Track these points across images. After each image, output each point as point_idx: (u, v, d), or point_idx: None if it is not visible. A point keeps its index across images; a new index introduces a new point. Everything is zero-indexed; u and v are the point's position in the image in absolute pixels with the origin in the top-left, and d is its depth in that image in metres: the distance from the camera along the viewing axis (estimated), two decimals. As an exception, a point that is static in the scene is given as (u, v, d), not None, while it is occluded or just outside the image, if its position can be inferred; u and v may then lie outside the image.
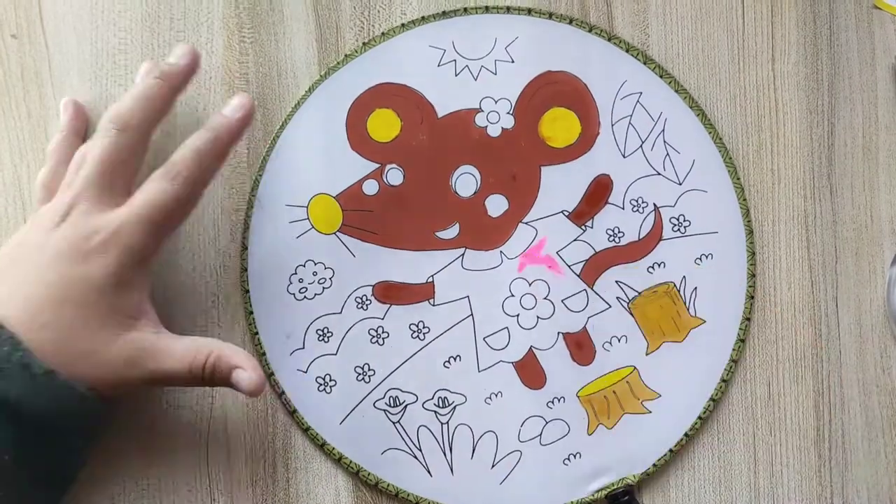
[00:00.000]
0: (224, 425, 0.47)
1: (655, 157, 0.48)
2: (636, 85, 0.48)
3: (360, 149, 0.47)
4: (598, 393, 0.47)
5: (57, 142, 0.45)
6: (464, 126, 0.47)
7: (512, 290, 0.47)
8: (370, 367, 0.46)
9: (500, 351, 0.47)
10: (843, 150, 0.49)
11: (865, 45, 0.49)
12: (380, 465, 0.46)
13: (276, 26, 0.48)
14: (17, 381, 0.37)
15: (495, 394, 0.46)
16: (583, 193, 0.47)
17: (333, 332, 0.47)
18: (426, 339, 0.47)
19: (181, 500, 0.46)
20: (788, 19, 0.49)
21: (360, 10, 0.48)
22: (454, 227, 0.47)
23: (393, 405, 0.46)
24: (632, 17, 0.49)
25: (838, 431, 0.48)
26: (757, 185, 0.49)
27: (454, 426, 0.46)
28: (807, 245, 0.49)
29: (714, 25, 0.49)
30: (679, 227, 0.47)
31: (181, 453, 0.47)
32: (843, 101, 0.49)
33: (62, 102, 0.47)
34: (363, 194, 0.47)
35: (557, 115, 0.48)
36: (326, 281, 0.47)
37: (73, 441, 0.40)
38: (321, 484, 0.47)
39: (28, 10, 0.48)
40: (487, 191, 0.47)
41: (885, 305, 0.48)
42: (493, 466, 0.46)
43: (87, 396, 0.39)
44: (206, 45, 0.48)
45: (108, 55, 0.48)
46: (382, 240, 0.47)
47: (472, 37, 0.48)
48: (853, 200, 0.49)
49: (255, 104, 0.45)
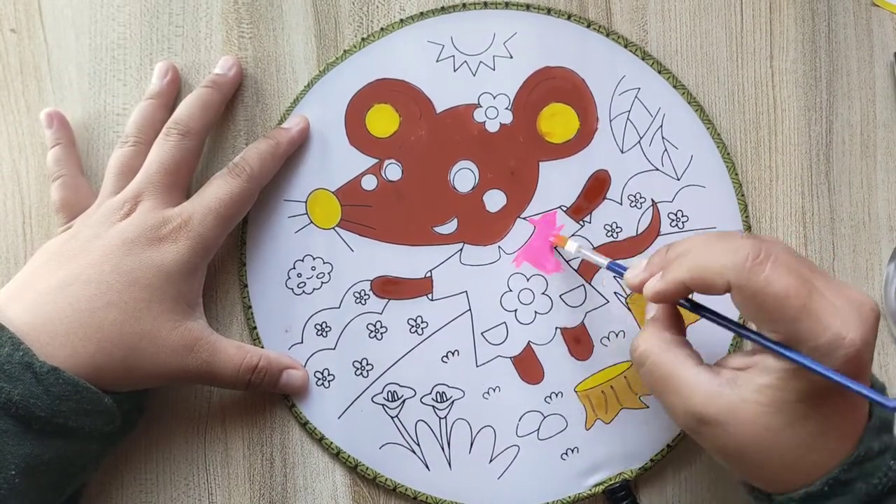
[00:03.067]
0: (222, 420, 0.47)
1: (654, 153, 0.48)
2: (634, 81, 0.48)
3: (358, 144, 0.47)
4: (596, 388, 0.47)
5: (58, 155, 0.46)
6: (462, 121, 0.48)
7: (510, 286, 0.47)
8: (368, 362, 0.46)
9: (498, 346, 0.47)
10: (841, 147, 0.49)
11: (864, 42, 0.49)
12: (378, 460, 0.46)
13: (274, 21, 0.48)
14: (20, 381, 0.38)
15: (493, 388, 0.46)
16: (581, 189, 0.47)
17: (332, 326, 0.47)
18: (424, 333, 0.47)
19: (179, 495, 0.46)
20: (787, 16, 0.49)
21: (358, 5, 0.48)
22: (452, 223, 0.47)
23: (391, 400, 0.46)
24: (630, 13, 0.49)
25: (836, 428, 0.48)
26: (755, 181, 0.49)
27: (452, 421, 0.46)
28: (804, 242, 0.49)
29: (713, 21, 0.49)
30: (677, 222, 0.48)
31: (179, 448, 0.47)
32: (841, 98, 0.49)
33: (43, 115, 0.47)
34: (362, 189, 0.47)
35: (556, 110, 0.48)
36: (325, 276, 0.47)
37: (87, 443, 0.40)
38: (319, 478, 0.47)
39: (27, 5, 0.48)
40: (486, 186, 0.47)
41: (882, 302, 0.48)
42: (490, 461, 0.46)
43: (95, 392, 0.39)
44: (205, 41, 0.48)
45: (106, 50, 0.48)
46: (381, 235, 0.47)
47: (470, 32, 0.48)
48: (851, 197, 0.49)
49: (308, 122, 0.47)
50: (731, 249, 0.35)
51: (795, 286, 0.34)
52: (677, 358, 0.38)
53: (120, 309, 0.40)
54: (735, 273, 0.35)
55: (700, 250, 0.37)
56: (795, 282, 0.34)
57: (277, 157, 0.46)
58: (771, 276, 0.34)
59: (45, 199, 0.48)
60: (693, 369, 0.37)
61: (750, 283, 0.35)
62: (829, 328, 0.34)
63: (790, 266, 0.35)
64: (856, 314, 0.34)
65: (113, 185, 0.44)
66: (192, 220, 0.43)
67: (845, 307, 0.35)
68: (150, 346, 0.41)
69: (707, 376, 0.37)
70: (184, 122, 0.44)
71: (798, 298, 0.34)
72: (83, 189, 0.46)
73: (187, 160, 0.45)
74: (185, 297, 0.43)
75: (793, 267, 0.35)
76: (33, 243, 0.48)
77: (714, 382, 0.36)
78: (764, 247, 0.35)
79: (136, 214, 0.42)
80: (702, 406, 0.36)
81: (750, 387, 0.36)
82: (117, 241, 0.41)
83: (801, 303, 0.34)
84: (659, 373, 0.38)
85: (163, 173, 0.43)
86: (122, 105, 0.48)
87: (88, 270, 0.41)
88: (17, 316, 0.39)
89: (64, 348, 0.39)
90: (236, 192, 0.44)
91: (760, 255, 0.35)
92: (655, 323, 0.39)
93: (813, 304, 0.34)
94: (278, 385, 0.45)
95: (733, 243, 0.36)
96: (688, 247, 0.38)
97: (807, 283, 0.35)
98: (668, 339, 0.38)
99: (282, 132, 0.46)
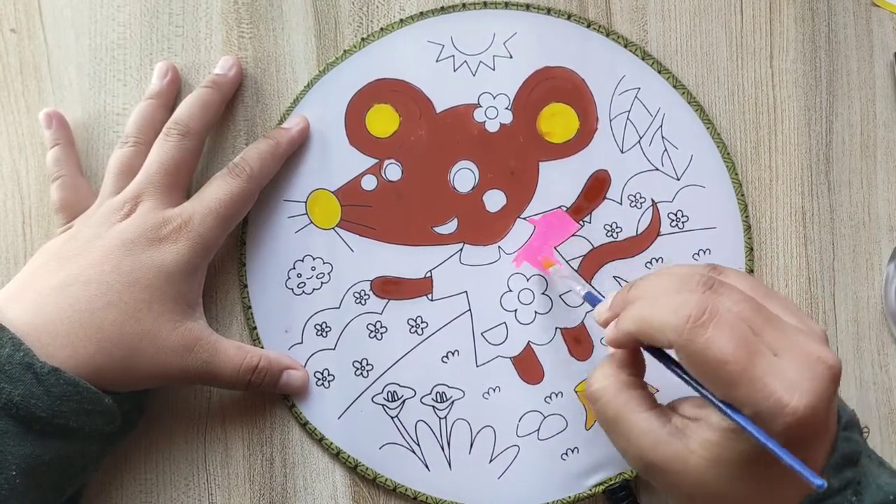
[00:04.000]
0: (222, 420, 0.47)
1: (653, 153, 0.48)
2: (634, 80, 0.48)
3: (358, 144, 0.47)
4: (596, 388, 0.47)
5: (58, 155, 0.46)
6: (462, 121, 0.48)
7: (510, 286, 0.47)
8: (368, 362, 0.46)
9: (498, 346, 0.47)
10: (841, 147, 0.49)
11: (864, 42, 0.49)
12: (378, 460, 0.46)
13: (274, 22, 0.48)
14: (21, 381, 0.38)
15: (493, 388, 0.46)
16: (581, 189, 0.47)
17: (332, 326, 0.47)
18: (424, 333, 0.47)
19: (179, 495, 0.46)
20: (787, 16, 0.49)
21: (358, 5, 0.48)
22: (452, 223, 0.47)
23: (391, 400, 0.46)
24: (630, 13, 0.49)
25: (836, 428, 0.48)
26: (755, 181, 0.49)
27: (452, 421, 0.46)
28: (804, 242, 0.49)
29: (713, 21, 0.49)
30: (677, 222, 0.48)
31: (179, 448, 0.47)
32: (841, 98, 0.49)
33: (42, 115, 0.47)
34: (362, 189, 0.47)
35: (556, 110, 0.48)
36: (325, 276, 0.47)
37: (87, 443, 0.40)
38: (319, 479, 0.47)
39: (27, 5, 0.48)
40: (486, 186, 0.47)
41: (882, 302, 0.48)
42: (490, 461, 0.46)
43: (95, 392, 0.39)
44: (205, 41, 0.48)
45: (106, 50, 0.48)
46: (381, 235, 0.47)
47: (470, 32, 0.48)
48: (851, 197, 0.49)
49: (308, 122, 0.47)
50: (675, 306, 0.34)
51: (735, 351, 0.33)
52: (629, 401, 0.37)
53: (120, 309, 0.40)
54: (675, 334, 0.34)
55: (648, 302, 0.36)
56: (737, 345, 0.33)
57: (277, 158, 0.46)
58: (711, 338, 0.33)
59: (45, 199, 0.48)
60: (643, 414, 0.36)
61: (689, 346, 0.33)
62: (771, 395, 0.32)
63: (734, 327, 0.33)
64: (808, 375, 0.33)
65: (113, 186, 0.44)
66: (193, 221, 0.43)
67: (795, 368, 0.33)
68: (150, 346, 0.41)
69: (656, 423, 0.36)
70: (184, 123, 0.44)
71: (737, 364, 0.33)
72: (83, 189, 0.46)
73: (187, 160, 0.45)
74: (185, 297, 0.43)
75: (737, 327, 0.33)
76: (33, 243, 0.48)
77: (662, 430, 0.36)
78: (711, 304, 0.34)
79: (137, 215, 0.42)
80: (648, 452, 0.36)
81: (696, 439, 0.35)
82: (117, 241, 0.41)
83: (740, 368, 0.33)
84: (610, 414, 0.37)
85: (163, 173, 0.43)
86: (122, 105, 0.48)
87: (88, 271, 0.41)
88: (17, 316, 0.39)
89: (64, 349, 0.39)
90: (236, 193, 0.44)
91: (704, 315, 0.33)
92: (613, 361, 0.38)
93: (754, 370, 0.33)
94: (278, 385, 0.45)
95: (679, 298, 0.35)
96: (641, 292, 0.37)
97: (750, 344, 0.33)
98: (623, 380, 0.37)
99: (282, 132, 0.46)
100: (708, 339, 0.33)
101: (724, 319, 0.34)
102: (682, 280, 0.36)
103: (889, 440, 0.48)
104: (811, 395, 0.33)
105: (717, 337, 0.33)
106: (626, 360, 0.38)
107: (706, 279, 0.36)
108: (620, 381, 0.37)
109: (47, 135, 0.46)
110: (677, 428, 0.36)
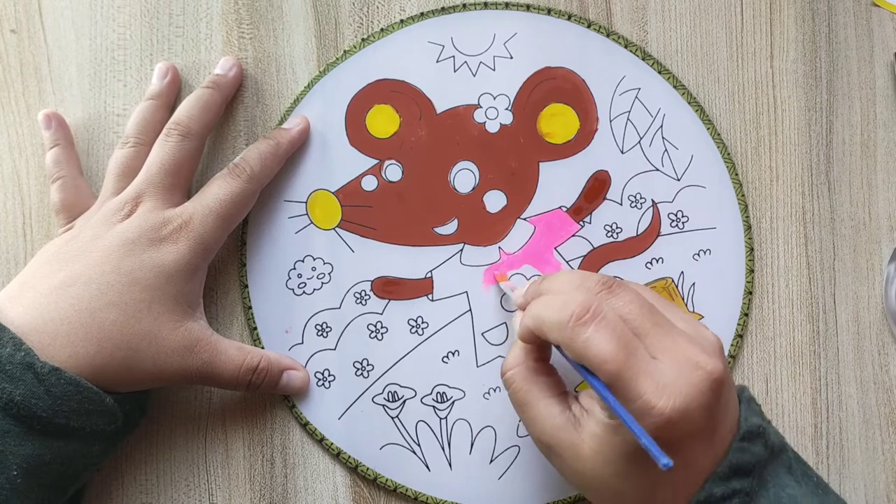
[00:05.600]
0: (222, 421, 0.47)
1: (654, 153, 0.48)
2: (635, 81, 0.48)
3: (358, 145, 0.47)
4: (597, 388, 0.47)
5: (58, 156, 0.46)
6: (462, 122, 0.48)
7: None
8: (369, 363, 0.46)
9: (498, 346, 0.47)
10: (842, 148, 0.49)
11: (864, 42, 0.49)
12: (378, 460, 0.46)
13: (275, 22, 0.48)
14: (22, 381, 0.38)
15: (494, 389, 0.46)
16: (581, 189, 0.47)
17: (332, 327, 0.47)
18: (425, 334, 0.47)
19: (180, 496, 0.46)
20: (787, 16, 0.49)
21: (358, 6, 0.48)
22: (453, 223, 0.47)
23: (392, 400, 0.46)
24: (630, 13, 0.49)
25: (836, 428, 0.48)
26: (755, 181, 0.49)
27: (453, 421, 0.46)
28: (805, 242, 0.49)
29: (713, 22, 0.49)
30: (677, 222, 0.48)
31: (179, 449, 0.47)
32: (841, 99, 0.49)
33: (41, 116, 0.47)
34: (362, 190, 0.47)
35: (556, 110, 0.48)
36: (325, 276, 0.47)
37: (88, 443, 0.40)
38: (319, 479, 0.47)
39: (27, 6, 0.48)
40: (486, 186, 0.47)
41: (882, 302, 0.48)
42: (491, 461, 0.46)
43: (96, 392, 0.39)
44: (206, 41, 0.48)
45: (106, 50, 0.48)
46: (381, 235, 0.47)
47: (470, 33, 0.48)
48: (851, 197, 0.49)
49: (309, 123, 0.47)
50: (562, 305, 0.35)
51: (613, 351, 0.34)
52: (535, 386, 0.39)
53: (120, 309, 0.40)
54: (559, 332, 0.35)
55: (547, 299, 0.38)
56: (615, 346, 0.34)
57: (278, 158, 0.46)
58: (591, 338, 0.34)
59: (45, 199, 0.48)
60: (546, 401, 0.38)
61: (570, 344, 0.35)
62: (640, 396, 0.33)
63: (616, 327, 0.35)
64: (683, 380, 0.34)
65: (113, 186, 0.44)
66: (193, 221, 0.43)
67: (672, 371, 0.34)
68: (150, 346, 0.41)
69: (557, 409, 0.38)
70: (184, 123, 0.44)
71: (613, 364, 0.34)
72: (83, 190, 0.46)
73: (188, 161, 0.45)
74: (185, 297, 0.43)
75: (618, 328, 0.35)
76: (33, 244, 0.48)
77: (561, 417, 0.37)
78: (596, 304, 0.35)
79: (137, 215, 0.42)
80: (548, 437, 0.37)
81: (587, 430, 0.36)
82: (118, 241, 0.41)
83: (615, 368, 0.34)
84: (519, 399, 0.39)
85: (163, 174, 0.43)
86: (123, 106, 0.48)
87: (89, 271, 0.41)
88: (18, 316, 0.39)
89: (65, 349, 0.39)
90: (237, 193, 0.44)
91: (587, 314, 0.35)
92: (522, 349, 0.40)
93: (628, 371, 0.34)
94: (279, 386, 0.45)
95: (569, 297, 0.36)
96: (545, 287, 0.39)
97: (629, 346, 0.34)
98: (530, 366, 0.39)
99: (282, 133, 0.46)
100: (588, 337, 0.34)
101: (607, 319, 0.35)
102: (583, 278, 0.38)
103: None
104: (682, 398, 0.33)
105: (596, 336, 0.34)
106: (533, 345, 0.40)
107: (606, 280, 0.37)
108: (528, 367, 0.39)
109: (46, 136, 0.46)
110: (575, 417, 0.37)
